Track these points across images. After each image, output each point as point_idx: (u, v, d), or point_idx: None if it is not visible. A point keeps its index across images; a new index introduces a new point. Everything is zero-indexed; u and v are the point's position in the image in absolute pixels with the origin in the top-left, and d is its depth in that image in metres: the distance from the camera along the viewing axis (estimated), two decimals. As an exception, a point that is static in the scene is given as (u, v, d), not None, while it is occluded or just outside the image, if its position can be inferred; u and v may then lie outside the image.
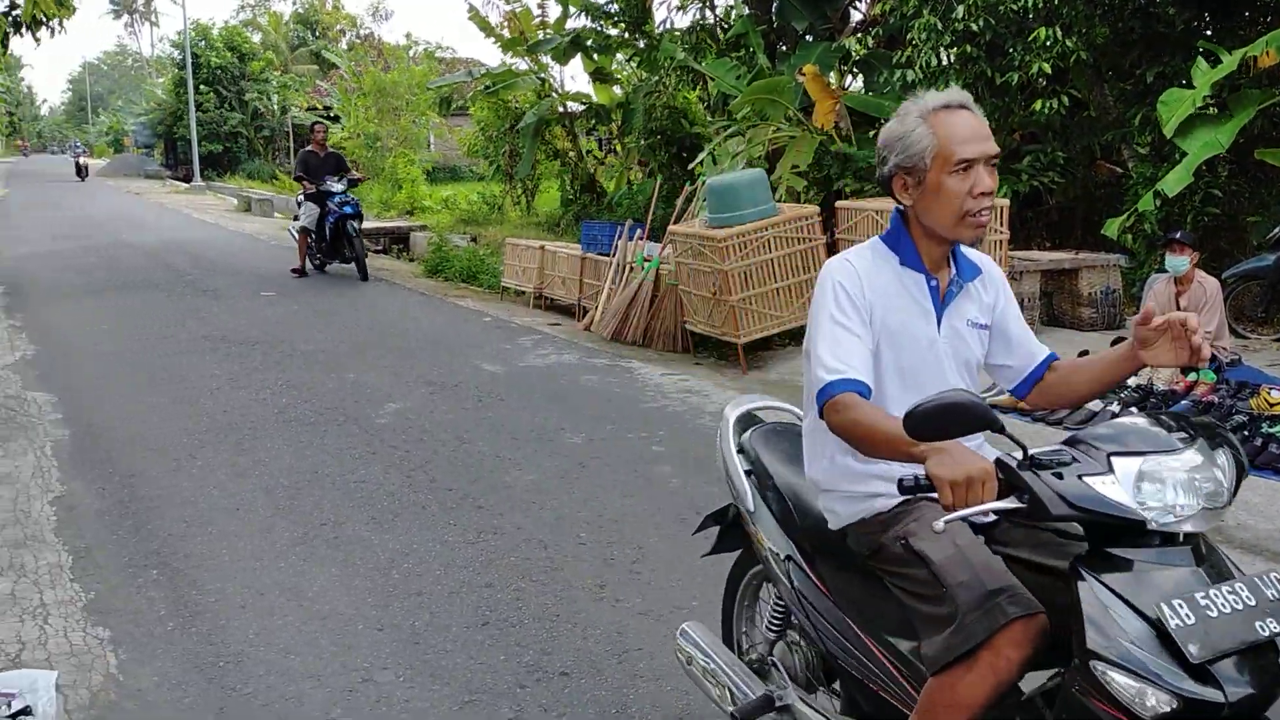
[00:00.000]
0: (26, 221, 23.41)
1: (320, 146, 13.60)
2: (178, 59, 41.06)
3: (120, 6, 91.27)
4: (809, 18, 12.73)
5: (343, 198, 12.82)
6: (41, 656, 3.63)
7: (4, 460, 5.86)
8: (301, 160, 13.54)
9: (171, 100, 42.26)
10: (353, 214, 12.86)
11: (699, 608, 3.91)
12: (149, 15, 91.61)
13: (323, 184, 12.95)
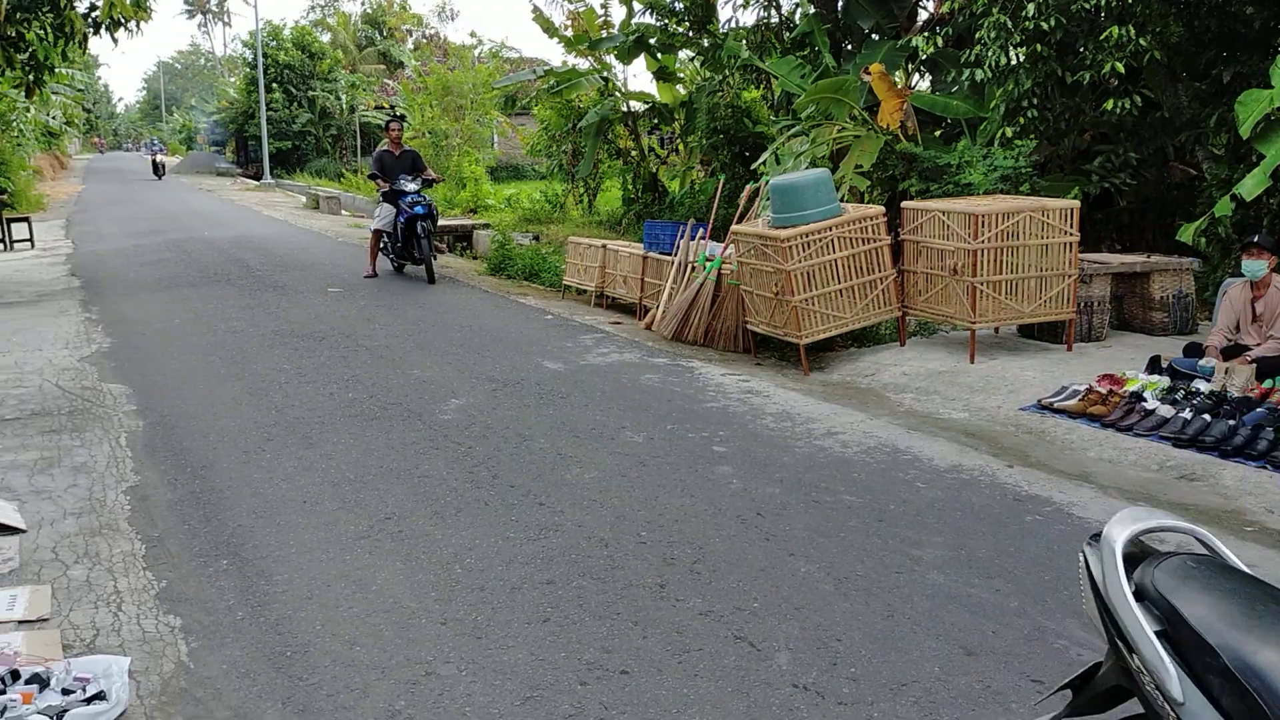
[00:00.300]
0: (103, 217, 24.05)
1: (396, 145, 13.30)
2: (249, 58, 41.86)
3: (194, 6, 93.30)
4: (875, 16, 12.61)
5: (415, 197, 12.53)
6: (115, 643, 3.73)
7: (80, 450, 6.03)
8: (376, 158, 13.33)
9: (243, 99, 43.11)
10: (424, 214, 12.51)
11: (760, 609, 3.90)
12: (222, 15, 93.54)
13: (396, 183, 12.71)
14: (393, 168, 12.94)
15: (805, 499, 5.10)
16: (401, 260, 13.25)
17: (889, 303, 8.20)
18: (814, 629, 3.75)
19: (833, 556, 4.39)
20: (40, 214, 23.93)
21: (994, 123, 10.28)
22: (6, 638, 3.71)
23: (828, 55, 12.21)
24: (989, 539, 4.59)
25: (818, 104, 11.09)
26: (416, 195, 12.58)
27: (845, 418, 6.61)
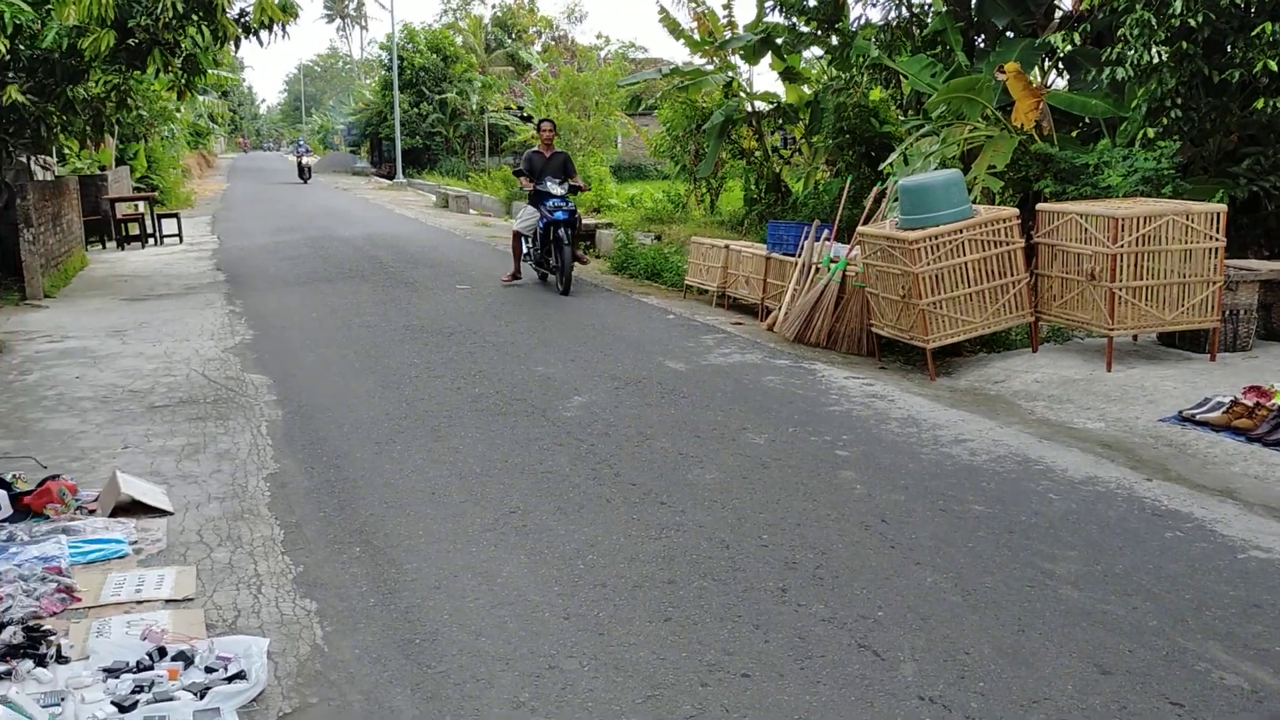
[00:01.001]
0: (246, 214, 25.12)
1: (547, 146, 12.78)
2: (385, 61, 43.14)
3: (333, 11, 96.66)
4: (1010, 13, 12.26)
5: (558, 202, 11.96)
6: (255, 624, 3.89)
7: (224, 437, 6.31)
8: (526, 158, 12.81)
9: (377, 100, 44.44)
10: (565, 221, 11.84)
11: (885, 618, 3.84)
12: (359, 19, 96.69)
13: (543, 184, 12.20)
14: (542, 170, 12.45)
15: (932, 507, 4.99)
16: (541, 268, 12.66)
17: (1021, 307, 7.96)
18: (941, 640, 3.67)
19: (961, 567, 4.29)
20: (188, 210, 25.11)
21: (1135, 123, 9.89)
22: (154, 615, 3.91)
23: (960, 53, 11.92)
24: (1126, 555, 4.42)
25: (949, 103, 10.84)
26: (560, 200, 12.04)
27: (973, 425, 6.45)
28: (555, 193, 12.12)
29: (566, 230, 11.84)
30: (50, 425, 6.58)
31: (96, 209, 17.81)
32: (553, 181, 12.22)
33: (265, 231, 20.15)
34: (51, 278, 12.63)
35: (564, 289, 11.78)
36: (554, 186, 12.18)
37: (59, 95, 11.48)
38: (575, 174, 12.85)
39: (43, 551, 4.42)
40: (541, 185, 12.21)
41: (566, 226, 11.85)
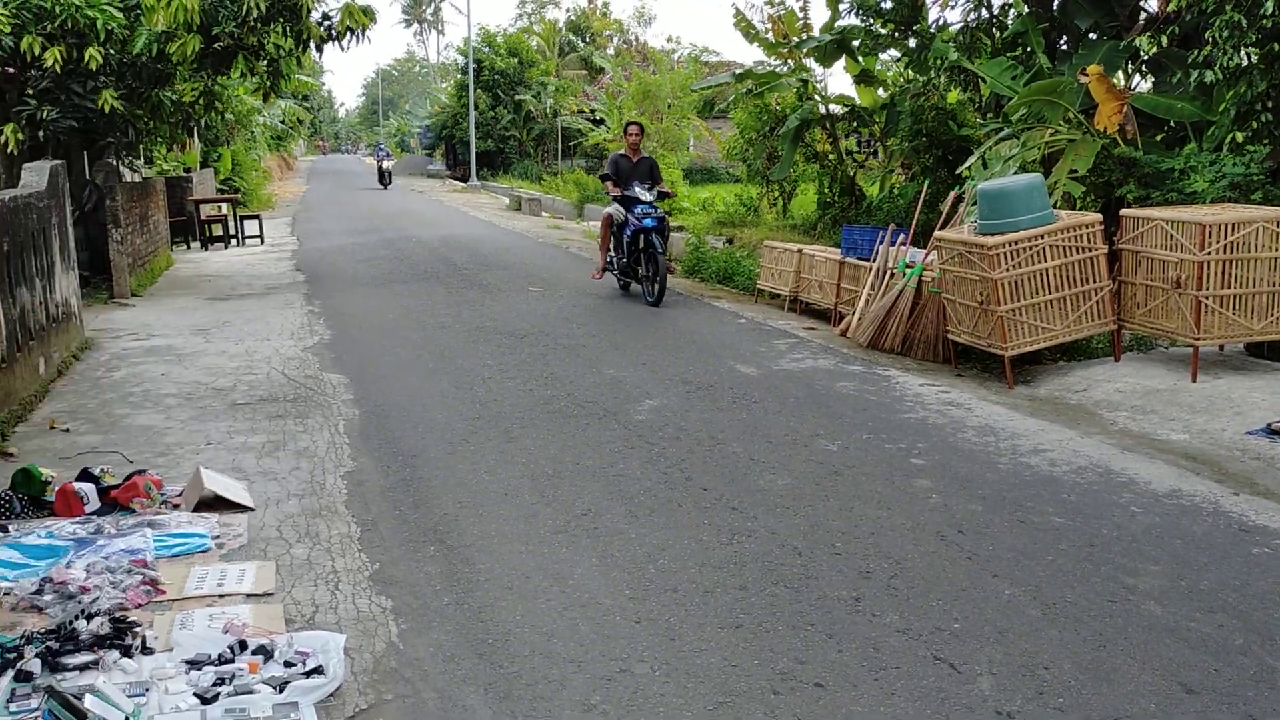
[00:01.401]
0: (324, 216, 25.62)
1: (633, 150, 12.18)
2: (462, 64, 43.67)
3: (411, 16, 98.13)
4: (1094, 14, 11.99)
5: (647, 209, 11.30)
6: (332, 620, 3.95)
7: (303, 435, 6.43)
8: (612, 162, 12.22)
9: (453, 104, 44.99)
10: (655, 227, 11.23)
11: (961, 631, 3.77)
12: (436, 24, 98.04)
13: (630, 190, 11.59)
14: (628, 174, 11.88)
15: (1010, 518, 4.90)
16: (626, 278, 12.05)
17: (1103, 315, 7.78)
18: (1019, 655, 3.60)
19: (1040, 580, 4.20)
20: (269, 212, 25.69)
21: (1223, 127, 9.60)
22: (235, 609, 4.00)
23: (1042, 56, 11.70)
24: (1211, 571, 4.29)
25: (1030, 106, 10.63)
26: (649, 206, 11.37)
27: (1053, 435, 6.31)
28: (644, 198, 11.48)
29: (657, 238, 11.22)
30: (136, 421, 6.77)
31: (182, 210, 18.31)
32: (641, 187, 11.60)
33: (343, 233, 20.52)
34: (138, 277, 13.01)
35: (655, 300, 11.17)
36: (642, 192, 11.54)
37: (147, 100, 11.82)
38: (661, 179, 12.28)
39: (129, 544, 4.54)
40: (629, 190, 11.62)
41: (657, 234, 11.23)
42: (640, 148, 12.38)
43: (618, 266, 12.06)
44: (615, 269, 12.14)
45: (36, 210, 7.98)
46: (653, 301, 11.17)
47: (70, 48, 10.02)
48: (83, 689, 3.23)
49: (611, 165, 12.15)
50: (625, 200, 11.67)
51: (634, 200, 11.50)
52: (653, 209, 11.37)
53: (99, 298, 11.87)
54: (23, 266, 7.43)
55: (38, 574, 4.25)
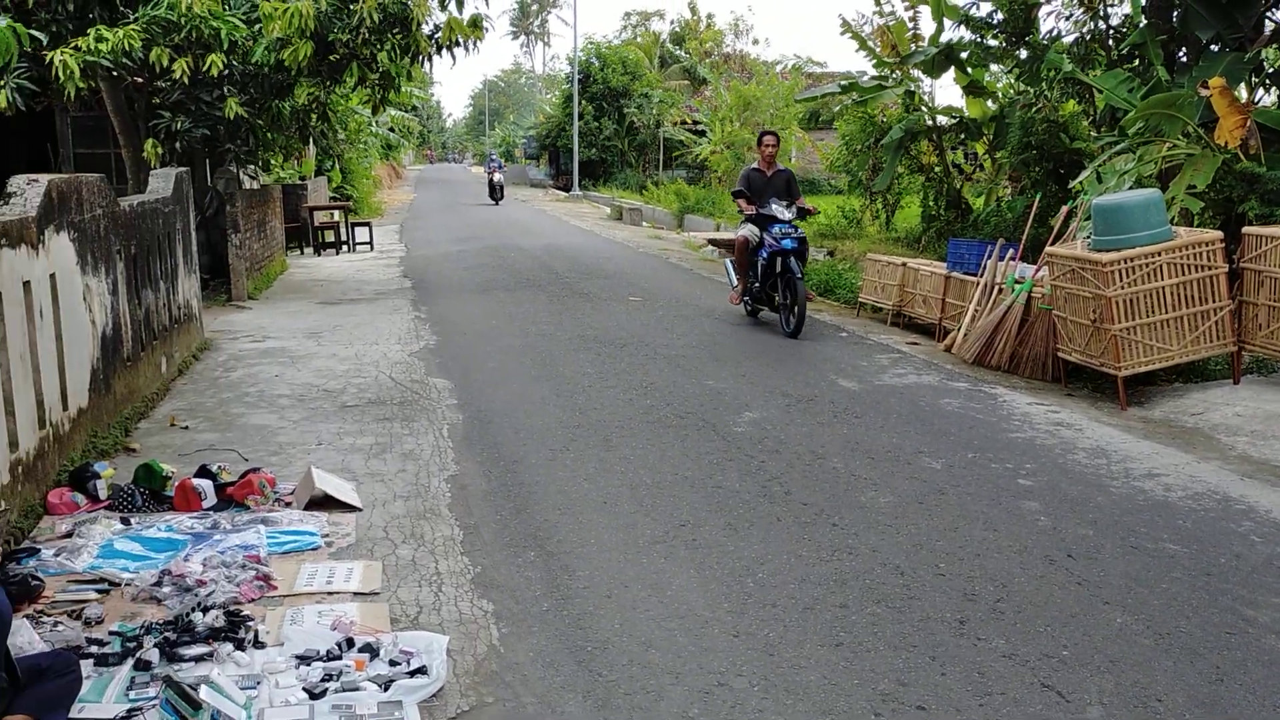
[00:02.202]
0: (431, 224, 26.17)
1: (768, 163, 10.99)
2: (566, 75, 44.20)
3: (518, 28, 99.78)
4: (1216, 26, 11.56)
5: (786, 228, 10.27)
6: (435, 621, 4.03)
7: (409, 438, 6.57)
8: (744, 177, 11.04)
9: (558, 114, 45.53)
10: (795, 249, 10.17)
11: (1070, 658, 3.67)
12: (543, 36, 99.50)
13: (766, 207, 10.50)
14: (762, 190, 10.77)
15: (1122, 544, 4.75)
16: (758, 304, 11.04)
17: (1223, 336, 7.49)
18: (1130, 685, 3.48)
19: (1153, 609, 4.06)
20: (378, 219, 26.33)
21: (1358, 140, 9.17)
22: (343, 607, 4.10)
23: (1161, 68, 11.33)
24: (1342, 608, 4.09)
25: (1147, 119, 10.31)
26: (788, 226, 10.30)
27: (1168, 458, 6.09)
28: (782, 217, 10.35)
29: (796, 261, 10.17)
30: (252, 420, 7.01)
31: (296, 216, 18.90)
32: (778, 204, 10.48)
33: (449, 240, 20.93)
34: (255, 281, 13.47)
35: (793, 329, 10.02)
36: (780, 210, 10.42)
37: (268, 109, 12.25)
38: (800, 195, 11.12)
39: (243, 540, 4.70)
40: (765, 208, 10.48)
41: (796, 257, 10.18)
42: (776, 159, 11.17)
43: (749, 292, 11.03)
44: (745, 294, 11.11)
45: (162, 215, 8.33)
46: (790, 332, 10.05)
47: (196, 58, 10.44)
48: (198, 680, 3.36)
49: (743, 180, 11.00)
50: (761, 219, 10.58)
51: (770, 219, 10.41)
52: (792, 229, 10.30)
53: (218, 300, 12.32)
54: (148, 269, 7.76)
55: (157, 566, 4.43)
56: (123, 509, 5.19)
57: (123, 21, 10.29)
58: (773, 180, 10.87)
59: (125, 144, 11.92)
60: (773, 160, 11.02)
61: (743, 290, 11.03)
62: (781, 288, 10.34)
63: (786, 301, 10.26)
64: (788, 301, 10.23)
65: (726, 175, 29.71)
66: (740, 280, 11.05)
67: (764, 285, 10.68)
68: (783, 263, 10.21)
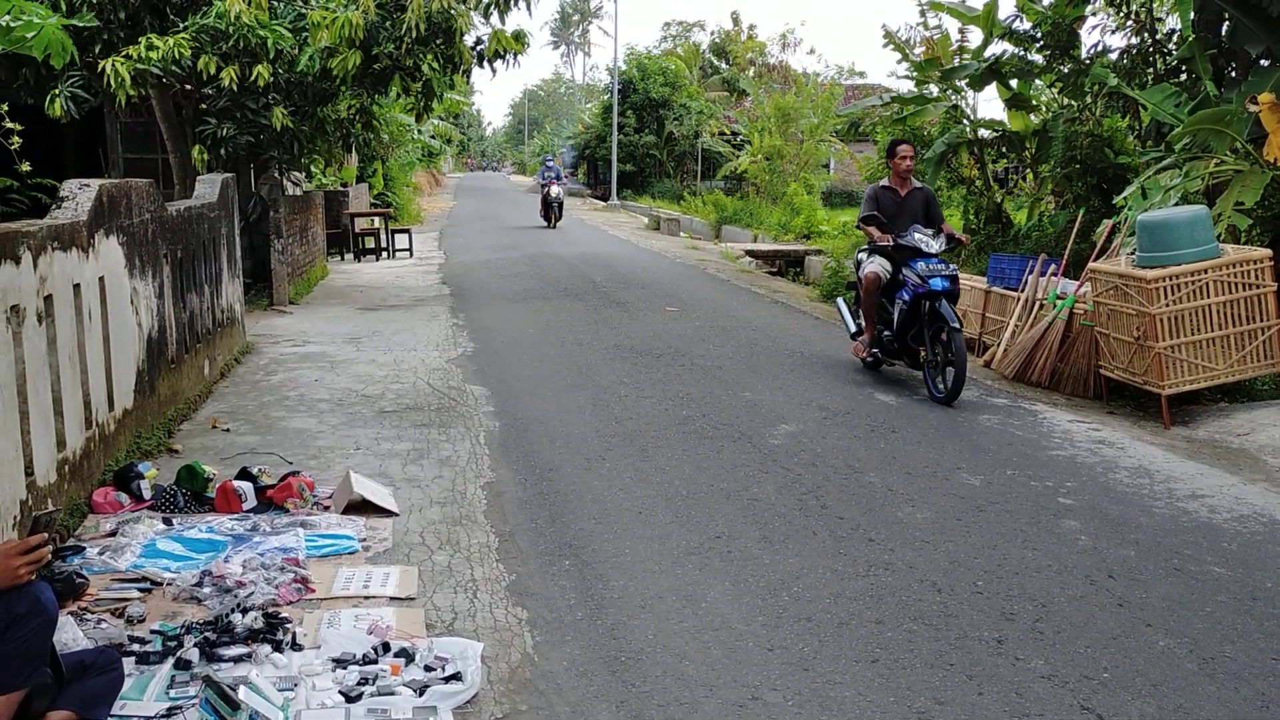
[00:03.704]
0: (470, 231, 26.33)
1: (902, 179, 8.85)
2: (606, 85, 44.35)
3: (559, 38, 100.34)
4: (1266, 41, 11.39)
5: (933, 264, 8.08)
6: (470, 628, 4.04)
7: (446, 444, 6.61)
8: (871, 197, 8.90)
9: (598, 124, 45.70)
10: (946, 290, 7.96)
11: (1111, 681, 3.61)
12: (583, 46, 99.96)
13: (906, 236, 8.33)
14: (896, 214, 8.64)
15: (1165, 566, 4.67)
16: (891, 357, 8.76)
17: (1270, 355, 7.37)
18: (1173, 710, 3.43)
19: (1197, 632, 3.99)
20: (418, 226, 26.53)
21: None
22: (379, 611, 4.12)
23: (1209, 82, 11.19)
24: (1392, 635, 4.00)
25: (1194, 135, 10.18)
26: (937, 262, 8.15)
27: (1213, 479, 6.00)
28: (929, 249, 8.19)
29: (949, 305, 7.96)
30: (291, 424, 7.07)
31: (338, 223, 19.09)
32: (921, 233, 8.33)
33: (487, 248, 21.04)
34: (296, 286, 13.61)
35: (950, 394, 7.77)
36: (925, 240, 8.25)
37: (312, 116, 12.39)
38: (943, 218, 8.98)
39: (282, 543, 4.74)
40: (906, 238, 8.33)
41: (949, 299, 7.99)
42: (911, 176, 8.96)
43: (878, 343, 8.74)
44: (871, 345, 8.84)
45: (208, 220, 8.44)
46: (943, 397, 7.83)
47: (243, 66, 10.59)
48: (237, 680, 3.39)
49: (871, 202, 8.82)
50: (900, 250, 8.43)
51: (912, 252, 8.29)
52: (942, 264, 8.14)
53: (260, 304, 12.46)
54: (193, 273, 7.87)
55: (198, 567, 4.48)
56: (165, 509, 5.26)
57: (173, 30, 10.47)
58: (908, 201, 8.73)
59: (172, 150, 12.11)
60: (908, 176, 8.86)
61: (869, 340, 8.79)
62: (929, 340, 8.11)
63: (936, 357, 8.05)
64: (937, 357, 8.04)
65: (765, 187, 29.69)
66: (866, 327, 8.87)
67: (901, 335, 8.40)
68: (931, 308, 8.01)
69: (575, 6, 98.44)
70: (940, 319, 7.91)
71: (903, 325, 8.34)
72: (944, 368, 7.92)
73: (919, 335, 8.22)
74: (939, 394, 7.91)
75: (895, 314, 8.44)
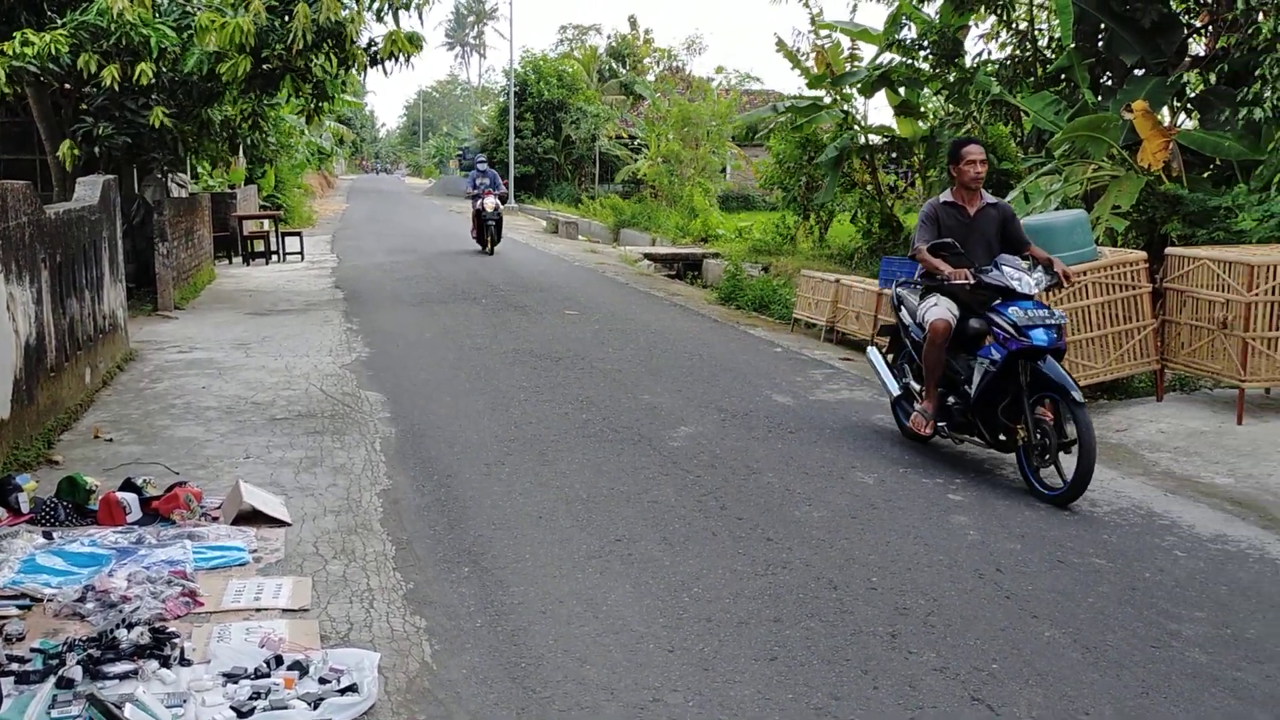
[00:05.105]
0: (363, 234, 25.87)
1: (969, 192, 6.47)
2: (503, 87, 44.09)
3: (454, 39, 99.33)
4: (1140, 51, 11.93)
5: (1033, 310, 5.90)
6: (366, 638, 3.96)
7: (340, 451, 6.47)
8: (930, 216, 6.52)
9: (494, 127, 45.37)
10: (1050, 346, 5.82)
11: (1000, 671, 3.72)
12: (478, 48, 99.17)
13: (990, 271, 6.11)
14: (964, 237, 6.38)
15: (1049, 558, 4.84)
16: (961, 432, 6.45)
17: (1146, 354, 7.70)
18: (1059, 699, 3.54)
19: (1080, 623, 4.14)
20: (310, 229, 25.96)
21: (1271, 166, 9.51)
22: (272, 624, 4.01)
23: (1087, 91, 11.64)
24: (1258, 619, 4.21)
25: (1073, 141, 10.58)
26: (1037, 307, 5.97)
27: (1094, 475, 6.21)
28: (1024, 289, 6.02)
29: (1052, 365, 5.82)
30: (178, 433, 6.84)
31: (225, 225, 18.55)
32: (1013, 266, 6.12)
33: (382, 251, 20.70)
34: (182, 290, 13.18)
35: (1070, 491, 5.57)
36: (1020, 278, 6.05)
37: (196, 117, 12.02)
38: (1030, 240, 6.56)
39: (169, 555, 4.58)
40: (992, 274, 6.11)
41: (1054, 355, 5.89)
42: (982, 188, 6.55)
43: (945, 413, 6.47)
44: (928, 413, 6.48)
45: (88, 224, 8.12)
46: (1058, 494, 5.63)
47: (125, 65, 10.22)
48: (123, 698, 3.26)
49: (930, 224, 6.49)
50: (984, 290, 6.14)
51: (1002, 294, 6.08)
52: (1044, 310, 5.96)
53: (144, 310, 12.03)
54: (74, 278, 7.56)
55: (80, 581, 4.30)
56: (45, 523, 5.04)
57: (50, 26, 10.04)
58: (979, 222, 6.46)
59: (51, 150, 11.62)
60: (978, 188, 6.49)
61: (933, 408, 6.47)
62: (1029, 418, 5.84)
63: (1042, 440, 5.80)
64: (1045, 439, 5.78)
65: (663, 190, 29.87)
66: (927, 392, 6.49)
67: (983, 405, 6.15)
68: (1034, 371, 5.87)
69: (470, 8, 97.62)
70: (1049, 385, 5.77)
71: (987, 394, 6.08)
72: (1053, 452, 5.72)
73: (1014, 408, 6.00)
74: (1049, 490, 5.71)
75: (975, 376, 6.14)
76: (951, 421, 6.44)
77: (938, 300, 6.45)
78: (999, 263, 6.17)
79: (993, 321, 6.02)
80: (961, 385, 6.34)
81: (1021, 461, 5.96)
